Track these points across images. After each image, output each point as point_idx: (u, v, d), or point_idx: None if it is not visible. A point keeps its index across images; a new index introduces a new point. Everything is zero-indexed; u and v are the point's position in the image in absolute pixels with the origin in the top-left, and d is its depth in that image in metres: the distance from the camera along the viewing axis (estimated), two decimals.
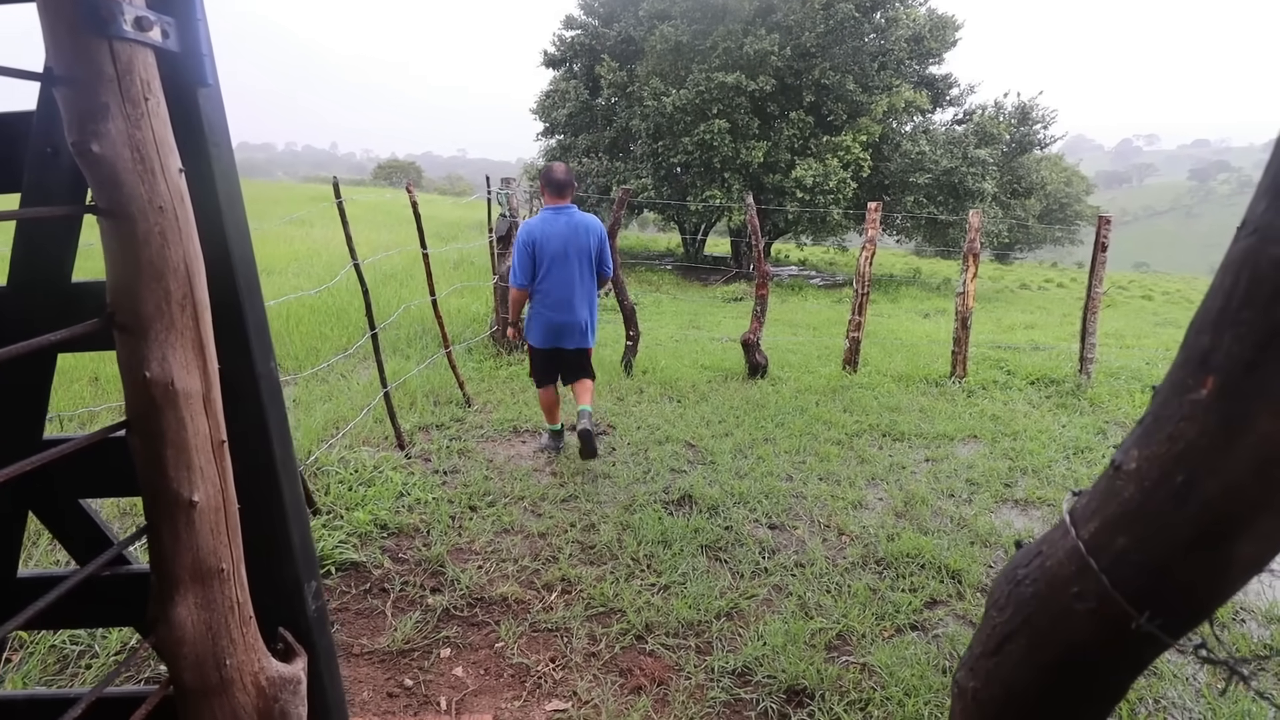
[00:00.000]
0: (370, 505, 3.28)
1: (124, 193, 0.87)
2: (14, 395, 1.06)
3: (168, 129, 0.92)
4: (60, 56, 0.85)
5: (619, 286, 6.39)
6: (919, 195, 17.62)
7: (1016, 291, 20.36)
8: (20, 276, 1.02)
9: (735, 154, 17.11)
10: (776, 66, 17.00)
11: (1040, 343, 8.64)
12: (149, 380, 0.90)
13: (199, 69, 1.00)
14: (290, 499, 1.16)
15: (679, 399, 5.50)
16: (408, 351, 6.36)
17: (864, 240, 6.65)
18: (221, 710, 1.02)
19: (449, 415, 4.78)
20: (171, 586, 0.96)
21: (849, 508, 3.61)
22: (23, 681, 2.05)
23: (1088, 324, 6.26)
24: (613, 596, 2.71)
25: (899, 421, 5.03)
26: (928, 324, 11.13)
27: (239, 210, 1.09)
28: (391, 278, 9.54)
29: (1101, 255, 6.16)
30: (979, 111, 19.38)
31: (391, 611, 2.61)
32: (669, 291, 14.90)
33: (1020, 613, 0.66)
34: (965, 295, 6.31)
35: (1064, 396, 5.89)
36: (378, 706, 2.13)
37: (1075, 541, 0.61)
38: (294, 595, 1.18)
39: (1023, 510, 3.72)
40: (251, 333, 1.09)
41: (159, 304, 0.90)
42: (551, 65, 21.38)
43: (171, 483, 0.93)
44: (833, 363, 6.89)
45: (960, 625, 2.63)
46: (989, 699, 0.69)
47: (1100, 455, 4.51)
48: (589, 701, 2.17)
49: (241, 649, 1.03)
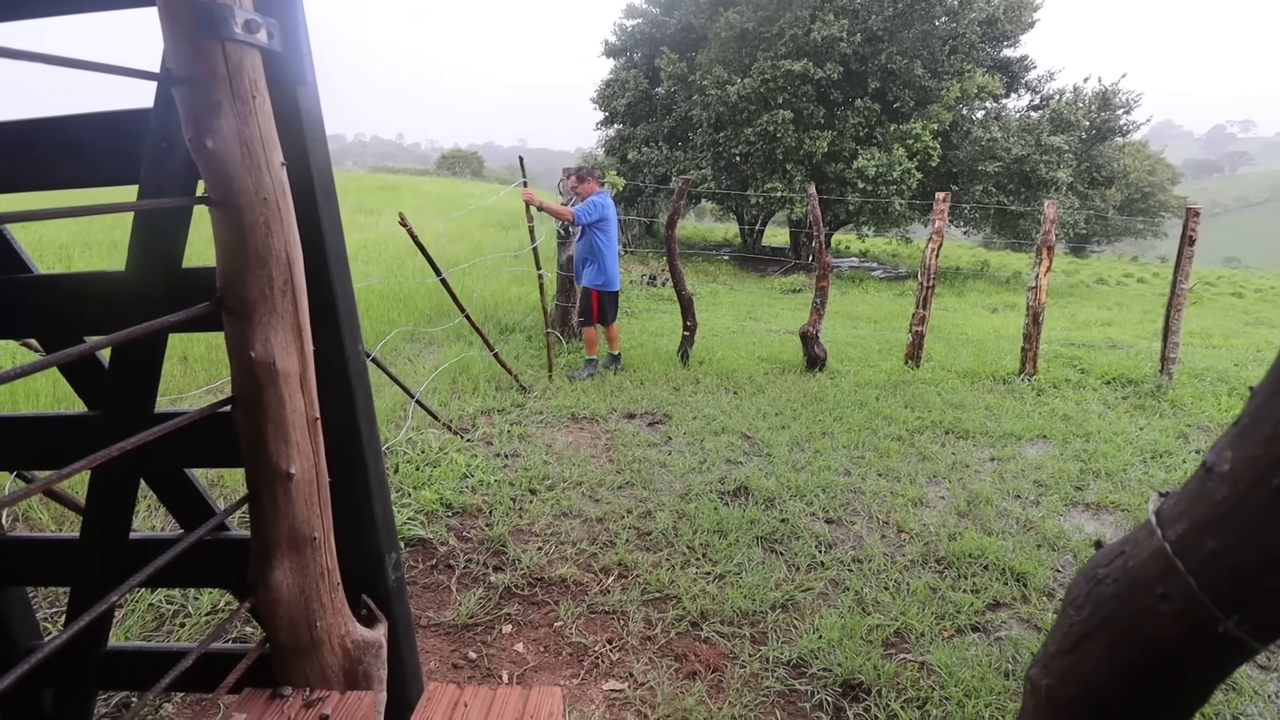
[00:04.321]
0: (436, 485, 3.41)
1: (233, 185, 0.94)
2: (131, 372, 1.15)
3: (272, 125, 0.98)
4: (178, 57, 0.91)
5: (676, 277, 6.39)
6: (988, 184, 16.94)
7: (1092, 286, 19.39)
8: (137, 262, 1.11)
9: (798, 144, 16.78)
10: (843, 53, 16.57)
11: (1118, 340, 8.24)
12: (253, 360, 0.97)
13: (299, 68, 1.06)
14: (374, 474, 1.23)
15: (735, 390, 5.48)
16: (470, 338, 6.52)
17: (930, 232, 6.46)
18: (312, 669, 1.10)
19: (509, 400, 4.90)
20: (270, 552, 1.03)
21: (909, 505, 3.55)
22: (125, 635, 2.23)
23: (1171, 322, 5.94)
24: (668, 583, 2.75)
25: (963, 419, 4.90)
26: (995, 319, 10.75)
27: (333, 202, 1.15)
28: (454, 265, 9.77)
29: (1188, 249, 5.82)
30: (1056, 97, 18.47)
31: (456, 587, 2.71)
32: (726, 282, 14.81)
33: (1099, 612, 0.65)
34: (1037, 289, 6.07)
35: (1142, 398, 5.61)
36: (444, 676, 2.23)
37: (1161, 542, 0.60)
38: (376, 565, 1.25)
39: (1094, 514, 3.58)
40: (342, 317, 1.16)
41: (263, 289, 0.97)
42: (612, 55, 21.41)
43: (271, 456, 1.00)
44: (894, 357, 6.74)
45: (1025, 629, 2.56)
46: (1063, 697, 0.68)
47: (1181, 460, 4.29)
48: (644, 683, 2.22)
49: (330, 613, 1.10)
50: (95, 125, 1.10)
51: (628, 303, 9.69)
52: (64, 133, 1.11)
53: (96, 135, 1.10)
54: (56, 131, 1.10)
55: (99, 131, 1.10)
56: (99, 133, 1.10)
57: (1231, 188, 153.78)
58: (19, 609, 1.34)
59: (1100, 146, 18.86)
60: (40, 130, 1.10)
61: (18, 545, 1.30)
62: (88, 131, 1.10)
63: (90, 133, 1.10)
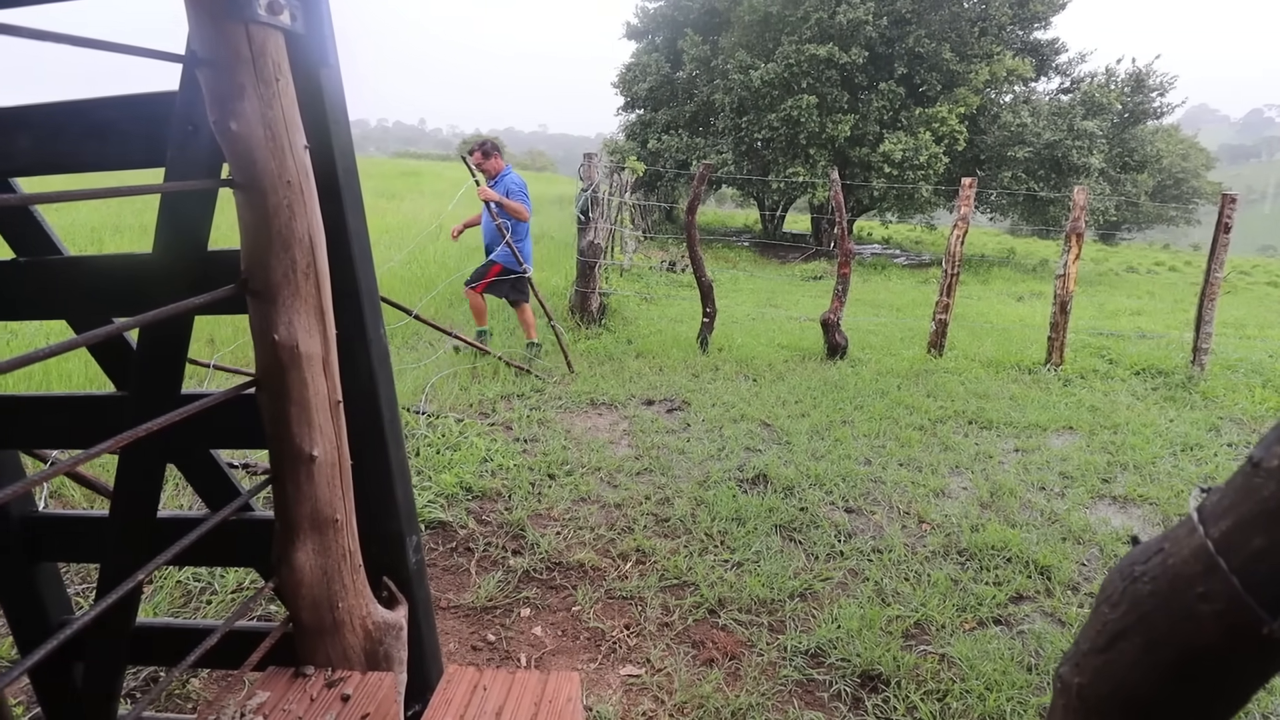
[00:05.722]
0: (456, 469, 3.43)
1: (257, 168, 0.94)
2: (157, 353, 1.16)
3: (295, 107, 0.98)
4: (202, 39, 0.91)
5: (696, 263, 6.35)
6: (1017, 170, 16.59)
7: (1122, 274, 18.96)
8: (164, 244, 1.11)
9: (821, 128, 16.54)
10: (869, 36, 16.26)
11: (1148, 330, 8.06)
12: (277, 343, 0.97)
13: (322, 50, 1.05)
14: (395, 457, 1.24)
15: (755, 378, 5.45)
16: (492, 323, 6.55)
17: (955, 218, 6.35)
18: (333, 649, 1.11)
19: (529, 385, 4.92)
20: (293, 532, 1.04)
21: (930, 495, 3.51)
22: (153, 611, 2.28)
23: (1204, 311, 5.80)
24: (686, 570, 2.75)
25: (987, 409, 4.83)
26: (1021, 307, 10.57)
27: (355, 185, 1.15)
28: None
29: (1224, 236, 5.66)
30: (1088, 80, 17.99)
31: (475, 570, 2.73)
32: (746, 269, 14.70)
33: (1136, 610, 0.63)
34: (1066, 277, 5.95)
35: (1173, 389, 5.49)
36: (462, 658, 2.25)
37: (1203, 540, 0.58)
38: (397, 547, 1.25)
39: (1121, 507, 3.52)
40: (364, 300, 1.16)
41: (286, 272, 0.97)
42: (634, 37, 21.21)
43: (295, 438, 1.01)
44: (917, 345, 6.66)
45: (1048, 623, 2.53)
46: (1095, 696, 0.67)
47: (1212, 453, 4.20)
48: (661, 670, 2.22)
49: (352, 594, 1.11)
50: (122, 108, 1.10)
51: (648, 289, 9.67)
52: (93, 116, 1.11)
53: (124, 118, 1.11)
54: (86, 114, 1.11)
55: (126, 114, 1.10)
56: (126, 115, 1.10)
57: (1269, 173, 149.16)
58: (51, 584, 1.37)
59: (1133, 130, 18.39)
60: (71, 113, 1.11)
61: (50, 522, 1.33)
62: (115, 114, 1.11)
63: (118, 115, 1.10)
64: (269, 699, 1.02)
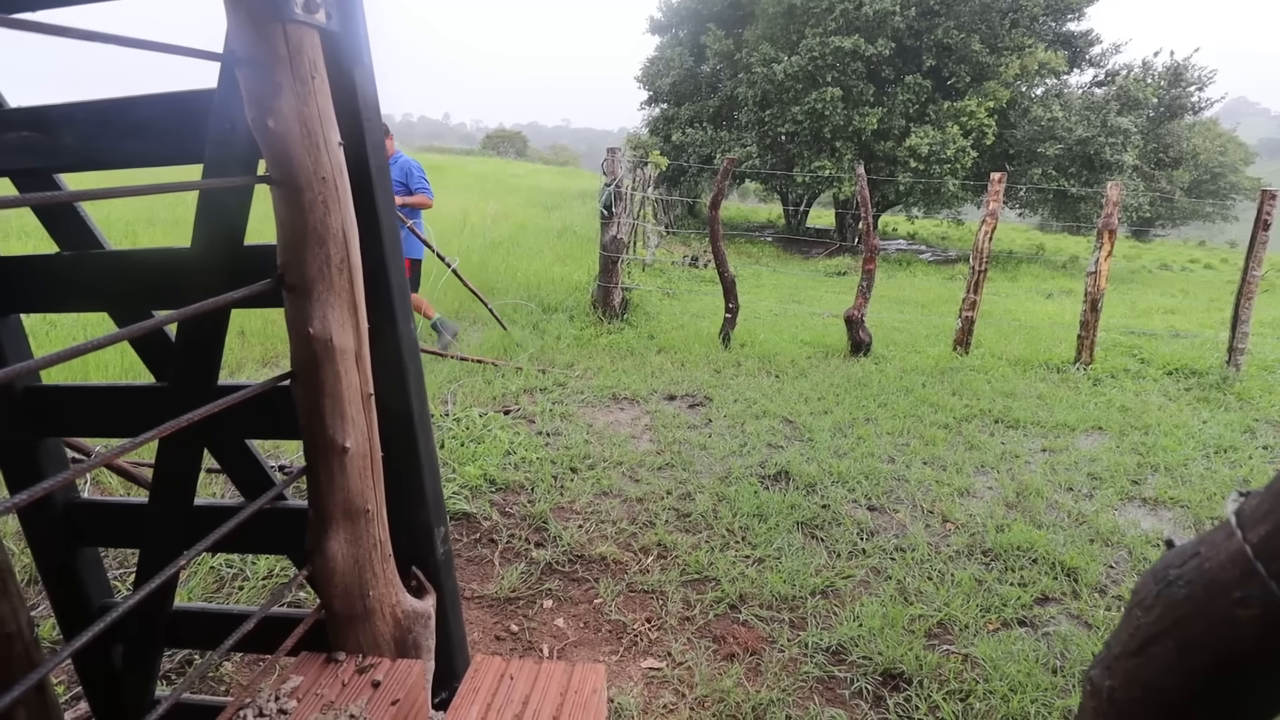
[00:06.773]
0: (480, 461, 3.47)
1: (294, 164, 0.96)
2: (195, 345, 1.19)
3: (330, 105, 1.00)
4: (240, 38, 0.93)
5: (719, 258, 6.33)
6: (1047, 168, 16.26)
7: (1155, 272, 18.55)
8: (202, 239, 1.14)
9: (846, 122, 16.35)
10: (896, 28, 16.04)
11: (1181, 329, 7.88)
12: (311, 336, 0.99)
13: (356, 48, 1.07)
14: (424, 449, 1.26)
15: (777, 374, 5.43)
16: (514, 316, 6.59)
17: (984, 214, 6.25)
18: (364, 636, 1.13)
19: (552, 380, 4.94)
20: (326, 522, 1.06)
21: (955, 494, 3.47)
22: (189, 596, 2.34)
23: (1240, 310, 5.65)
24: (707, 565, 2.75)
25: (1014, 408, 4.76)
26: (1050, 305, 10.38)
27: (386, 181, 1.16)
28: (499, 245, 9.87)
29: (1262, 234, 5.51)
30: (1123, 73, 17.57)
31: (499, 561, 2.76)
32: (769, 264, 14.62)
33: (1170, 615, 0.62)
34: (1097, 275, 5.83)
35: (1207, 390, 5.37)
36: (486, 647, 2.28)
37: (1242, 544, 0.57)
38: (425, 538, 1.28)
39: (1151, 510, 3.45)
40: (395, 295, 1.18)
41: (321, 267, 0.99)
42: (657, 31, 21.15)
43: (328, 429, 1.03)
44: (942, 343, 6.58)
45: (1074, 625, 2.49)
46: (1127, 700, 0.66)
47: (1247, 456, 4.10)
48: (682, 663, 2.23)
49: (382, 583, 1.13)
50: (163, 105, 1.13)
51: (670, 284, 9.66)
52: (134, 113, 1.14)
53: (163, 115, 1.13)
54: (127, 112, 1.14)
55: (166, 112, 1.13)
56: (166, 113, 1.13)
57: None
58: (92, 568, 1.42)
59: (1169, 125, 17.95)
60: (113, 111, 1.14)
61: (90, 508, 1.37)
62: (155, 111, 1.13)
63: (158, 113, 1.13)
64: (302, 683, 1.04)
